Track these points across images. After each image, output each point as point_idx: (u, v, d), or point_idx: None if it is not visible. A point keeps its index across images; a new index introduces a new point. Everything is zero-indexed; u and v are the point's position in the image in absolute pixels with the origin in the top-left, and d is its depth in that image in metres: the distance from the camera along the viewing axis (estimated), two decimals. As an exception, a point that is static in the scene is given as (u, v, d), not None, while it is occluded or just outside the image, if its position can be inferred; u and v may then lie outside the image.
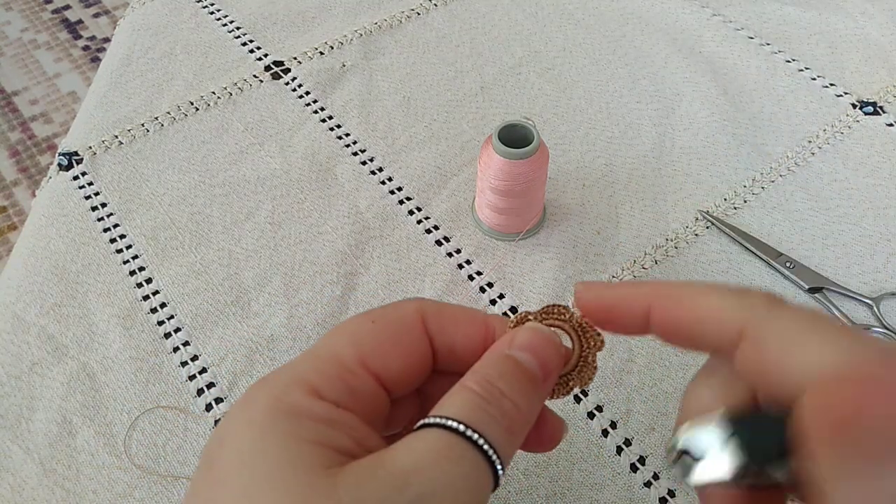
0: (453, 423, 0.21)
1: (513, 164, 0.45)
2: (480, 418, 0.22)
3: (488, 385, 0.23)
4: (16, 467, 0.40)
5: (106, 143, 0.57)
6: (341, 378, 0.23)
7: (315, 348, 0.25)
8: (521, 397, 0.23)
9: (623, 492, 0.39)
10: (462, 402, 0.22)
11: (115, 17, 1.83)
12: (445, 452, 0.21)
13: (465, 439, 0.21)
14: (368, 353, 0.24)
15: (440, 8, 0.69)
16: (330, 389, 0.23)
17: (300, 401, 0.22)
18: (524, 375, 0.24)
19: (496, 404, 0.22)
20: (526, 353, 0.25)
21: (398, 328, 0.25)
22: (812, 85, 0.61)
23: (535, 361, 0.24)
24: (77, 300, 0.47)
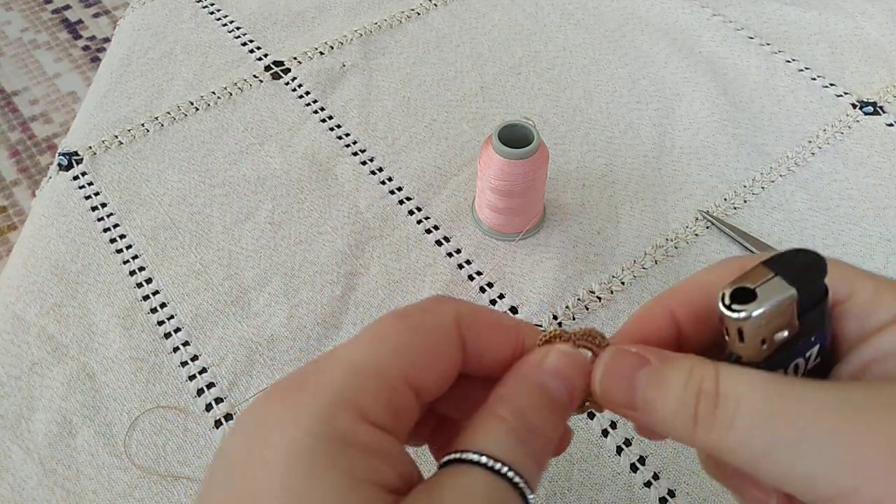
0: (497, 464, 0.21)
1: (513, 164, 0.45)
2: (519, 457, 0.21)
3: (522, 419, 0.22)
4: (16, 467, 0.40)
5: (106, 143, 0.57)
6: (388, 400, 0.21)
7: (355, 357, 0.22)
8: (552, 429, 0.23)
9: (623, 492, 0.39)
10: (498, 437, 0.22)
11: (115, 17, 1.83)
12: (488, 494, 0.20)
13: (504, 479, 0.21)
14: (412, 367, 0.22)
15: (440, 8, 0.69)
16: (378, 413, 0.21)
17: (351, 427, 0.20)
18: (554, 405, 0.23)
19: (531, 440, 0.22)
20: (557, 380, 0.23)
21: (438, 338, 0.23)
22: (812, 85, 0.61)
23: (563, 389, 0.23)
24: (77, 300, 0.47)
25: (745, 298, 0.21)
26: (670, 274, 0.48)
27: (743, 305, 0.21)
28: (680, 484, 0.39)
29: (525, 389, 0.23)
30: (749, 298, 0.21)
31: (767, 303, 0.21)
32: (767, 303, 0.21)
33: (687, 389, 0.21)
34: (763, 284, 0.21)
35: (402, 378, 0.22)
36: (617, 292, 0.48)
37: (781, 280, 0.21)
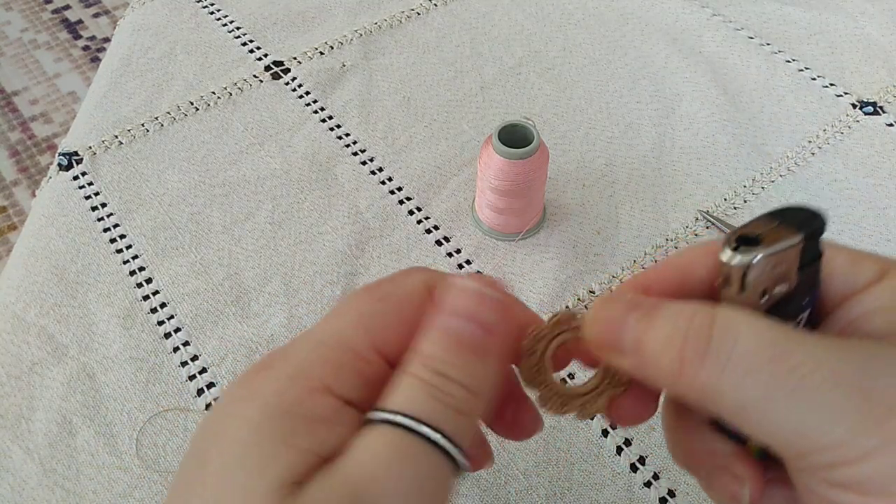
0: (401, 418, 0.20)
1: (513, 164, 0.45)
2: (430, 408, 0.20)
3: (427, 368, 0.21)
4: (16, 467, 0.40)
5: (106, 143, 0.57)
6: (353, 367, 0.21)
7: (320, 333, 0.22)
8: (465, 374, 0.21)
9: (623, 492, 0.39)
10: (405, 392, 0.21)
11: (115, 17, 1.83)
12: (396, 454, 0.20)
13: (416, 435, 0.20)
14: (380, 337, 0.22)
15: (440, 8, 0.69)
16: (343, 384, 0.21)
17: (305, 400, 0.20)
18: (465, 348, 0.22)
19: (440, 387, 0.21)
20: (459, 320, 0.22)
21: (408, 306, 0.23)
22: (812, 85, 0.61)
23: (472, 326, 0.22)
24: (77, 300, 0.47)
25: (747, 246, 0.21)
26: (670, 274, 0.48)
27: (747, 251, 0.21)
28: (680, 484, 0.39)
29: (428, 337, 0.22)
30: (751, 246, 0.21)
31: (773, 247, 0.21)
32: (773, 247, 0.21)
33: (677, 325, 0.20)
34: (766, 232, 0.21)
35: (369, 347, 0.22)
36: (617, 292, 0.48)
37: (785, 228, 0.21)
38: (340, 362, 0.21)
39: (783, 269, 0.21)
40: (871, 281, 0.22)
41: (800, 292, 0.22)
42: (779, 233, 0.21)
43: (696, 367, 0.19)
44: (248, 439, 0.19)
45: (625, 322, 0.21)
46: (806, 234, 0.21)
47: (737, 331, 0.19)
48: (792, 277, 0.21)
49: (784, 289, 0.22)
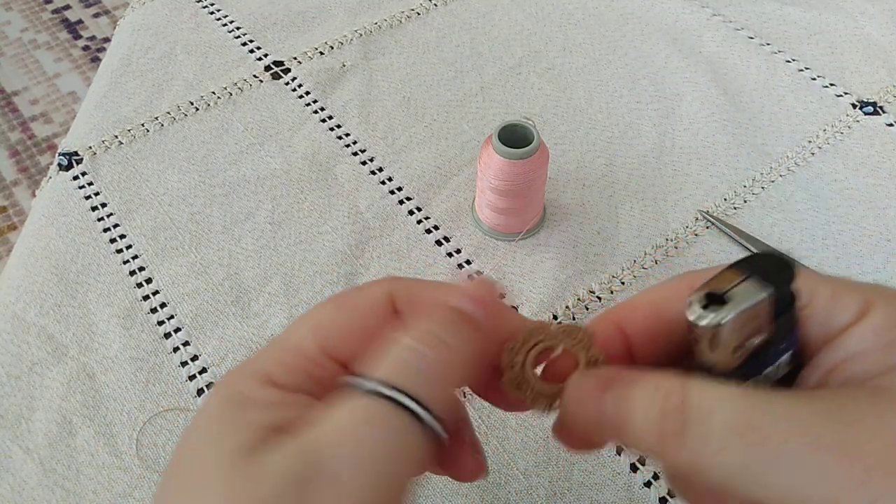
0: (372, 384, 0.21)
1: (513, 164, 0.45)
2: (403, 373, 0.21)
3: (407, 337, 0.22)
4: (16, 467, 0.40)
5: (106, 143, 0.57)
6: (302, 367, 0.23)
7: (280, 338, 0.24)
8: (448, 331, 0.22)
9: (623, 492, 0.39)
10: (386, 359, 0.22)
11: (115, 17, 1.83)
12: (363, 419, 0.20)
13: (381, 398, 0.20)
14: (331, 341, 0.24)
15: (440, 8, 0.69)
16: (288, 378, 0.23)
17: (251, 389, 0.22)
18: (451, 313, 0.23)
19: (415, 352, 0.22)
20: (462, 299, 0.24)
21: (364, 313, 0.24)
22: (812, 85, 0.61)
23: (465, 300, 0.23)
24: (77, 300, 0.47)
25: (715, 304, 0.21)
26: (670, 274, 0.48)
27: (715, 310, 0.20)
28: (680, 484, 0.39)
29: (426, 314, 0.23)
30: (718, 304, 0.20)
31: (741, 305, 0.20)
32: (741, 305, 0.20)
33: (653, 408, 0.20)
34: (733, 288, 0.21)
35: (319, 350, 0.24)
36: (617, 292, 0.48)
37: (754, 282, 0.21)
38: (287, 361, 0.23)
39: (756, 323, 0.21)
40: (852, 321, 0.22)
41: (777, 338, 0.21)
42: (747, 288, 0.21)
43: (677, 447, 0.20)
44: (206, 427, 0.22)
45: (601, 404, 0.22)
46: (776, 286, 0.20)
47: (710, 407, 0.20)
48: (766, 328, 0.21)
49: (759, 340, 0.21)
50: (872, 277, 0.48)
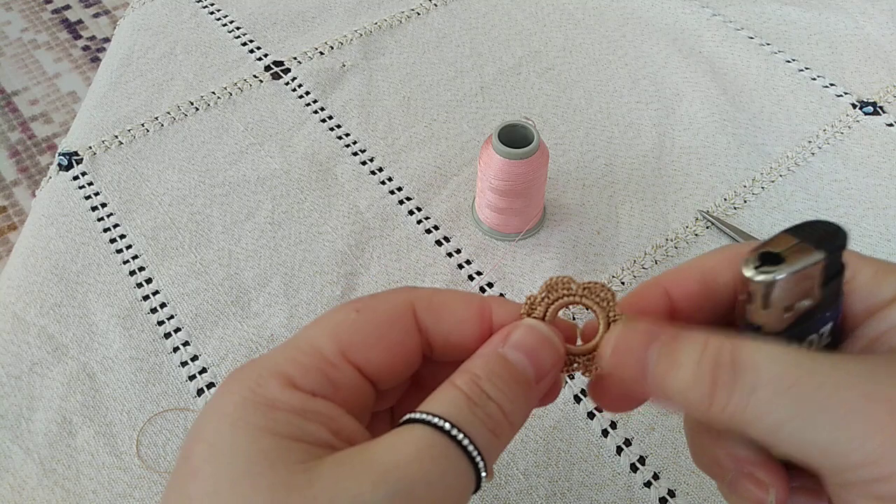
0: (438, 420, 0.21)
1: (513, 164, 0.45)
2: (465, 418, 0.21)
3: (475, 385, 0.22)
4: (16, 467, 0.40)
5: (106, 143, 0.57)
6: (320, 369, 0.23)
7: (295, 338, 0.24)
8: (508, 400, 0.22)
9: (623, 492, 0.39)
10: (448, 400, 0.22)
11: (115, 17, 1.83)
12: (427, 449, 0.20)
13: (448, 437, 0.21)
14: (350, 344, 0.23)
15: (440, 8, 0.69)
16: (306, 380, 0.22)
17: (273, 392, 0.22)
18: (513, 377, 0.23)
19: (482, 405, 0.22)
20: (519, 354, 0.24)
21: (384, 320, 0.24)
22: (812, 85, 0.61)
23: (528, 362, 0.24)
24: (77, 300, 0.47)
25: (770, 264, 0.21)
26: (670, 274, 0.48)
27: (772, 266, 0.21)
28: (680, 484, 0.39)
29: (483, 359, 0.23)
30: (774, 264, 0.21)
31: (796, 265, 0.21)
32: (796, 265, 0.21)
33: (702, 362, 0.21)
34: (789, 249, 0.21)
35: (337, 353, 0.23)
36: (617, 292, 0.47)
37: (807, 245, 0.21)
38: (305, 362, 0.23)
39: (806, 285, 0.21)
40: (892, 297, 0.22)
41: (823, 306, 0.22)
42: (801, 250, 0.21)
43: (724, 400, 0.20)
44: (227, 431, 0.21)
45: (645, 356, 0.22)
46: (828, 251, 0.21)
47: (757, 361, 0.20)
48: (815, 293, 0.22)
49: (807, 304, 0.22)
50: (872, 277, 0.48)
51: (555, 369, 0.24)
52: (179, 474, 0.21)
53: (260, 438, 0.20)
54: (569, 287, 0.25)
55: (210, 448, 0.21)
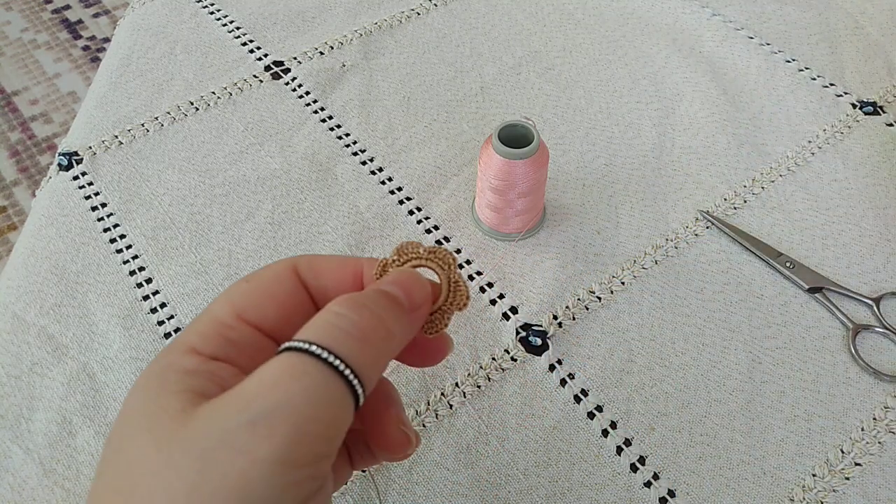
0: (297, 343, 0.23)
1: (513, 164, 0.45)
2: (330, 334, 0.23)
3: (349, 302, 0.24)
4: (16, 467, 0.40)
5: (106, 143, 0.57)
6: (219, 333, 0.25)
7: (199, 314, 0.27)
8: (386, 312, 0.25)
9: (623, 492, 0.39)
10: (312, 325, 0.24)
11: (115, 17, 1.83)
12: (288, 371, 0.22)
13: (310, 356, 0.22)
14: (242, 306, 0.26)
15: (440, 8, 0.69)
16: (207, 345, 0.25)
17: (173, 359, 0.24)
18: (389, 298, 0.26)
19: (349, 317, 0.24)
20: (392, 286, 0.26)
21: (271, 281, 0.27)
22: (812, 85, 0.61)
23: (399, 291, 0.26)
24: (77, 300, 0.47)
25: None
26: (670, 274, 0.48)
27: None
28: (680, 484, 0.39)
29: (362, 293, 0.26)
30: None
31: None
32: None
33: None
34: None
35: (232, 316, 0.26)
36: (617, 292, 0.48)
37: None
38: (206, 330, 0.26)
39: None
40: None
41: None
42: None
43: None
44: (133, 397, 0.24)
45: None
46: None
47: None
48: None
49: None
50: (872, 277, 0.48)
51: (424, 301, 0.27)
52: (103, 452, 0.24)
53: (153, 396, 0.23)
54: (417, 251, 0.29)
55: (120, 415, 0.23)
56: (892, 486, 0.39)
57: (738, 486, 0.39)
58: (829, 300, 0.47)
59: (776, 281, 0.48)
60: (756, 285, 0.48)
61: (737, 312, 0.46)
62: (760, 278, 0.48)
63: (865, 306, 0.46)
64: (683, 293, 0.47)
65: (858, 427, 0.41)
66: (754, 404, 0.42)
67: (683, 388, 0.43)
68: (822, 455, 0.40)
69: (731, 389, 0.43)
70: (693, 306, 0.47)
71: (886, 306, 0.46)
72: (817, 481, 0.39)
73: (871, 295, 0.47)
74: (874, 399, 0.43)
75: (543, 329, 0.45)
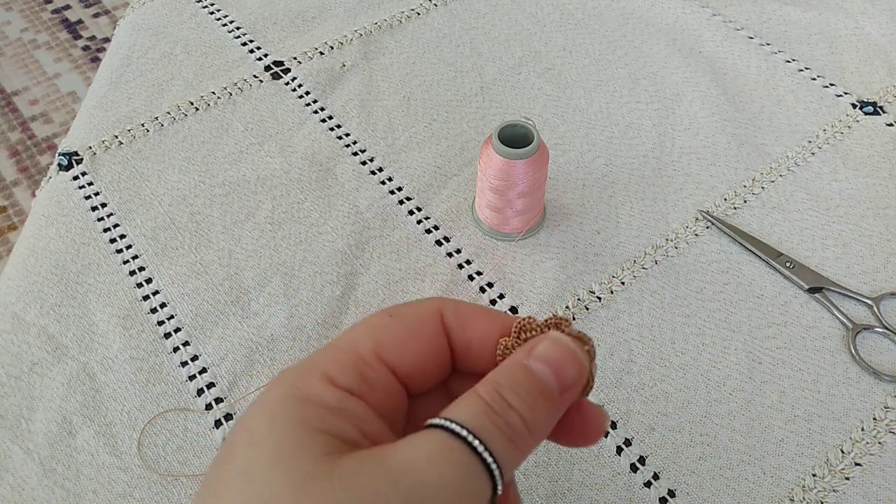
0: (455, 426, 0.22)
1: (513, 164, 0.45)
2: (483, 425, 0.22)
3: (496, 393, 0.23)
4: (16, 467, 0.40)
5: (106, 143, 0.57)
6: (356, 367, 0.24)
7: (336, 340, 0.25)
8: (529, 409, 0.23)
9: (623, 492, 0.39)
10: (467, 407, 0.23)
11: (115, 17, 1.83)
12: (443, 453, 0.21)
13: (465, 444, 0.21)
14: (384, 345, 0.25)
15: (440, 8, 0.69)
16: (343, 377, 0.24)
17: (312, 387, 0.23)
18: (536, 387, 0.24)
19: (502, 413, 0.22)
20: (542, 364, 0.24)
21: (415, 323, 0.26)
22: (812, 85, 0.61)
23: (550, 373, 0.24)
24: (77, 300, 0.47)
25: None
26: (670, 274, 0.48)
27: None
28: (680, 484, 0.39)
29: (507, 369, 0.24)
30: None
31: None
32: None
33: None
34: None
35: (372, 352, 0.25)
36: (617, 292, 0.48)
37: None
38: (343, 360, 0.24)
39: None
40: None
41: None
42: None
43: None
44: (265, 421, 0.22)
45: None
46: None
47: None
48: None
49: None
50: (872, 277, 0.48)
51: (579, 381, 0.25)
52: (220, 458, 0.22)
53: (294, 429, 0.21)
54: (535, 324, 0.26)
55: (249, 435, 0.22)
56: (892, 486, 0.39)
57: (738, 486, 0.39)
58: (829, 300, 0.47)
59: (776, 281, 0.48)
60: (756, 285, 0.48)
61: (737, 312, 0.46)
62: (760, 278, 0.48)
63: (865, 306, 0.46)
64: (683, 293, 0.47)
65: (859, 427, 0.41)
66: (754, 404, 0.42)
67: (683, 388, 0.43)
68: (823, 455, 0.40)
69: (731, 389, 0.43)
70: (693, 306, 0.47)
71: (886, 306, 0.46)
72: (817, 481, 0.39)
73: (871, 295, 0.47)
74: (874, 399, 0.43)
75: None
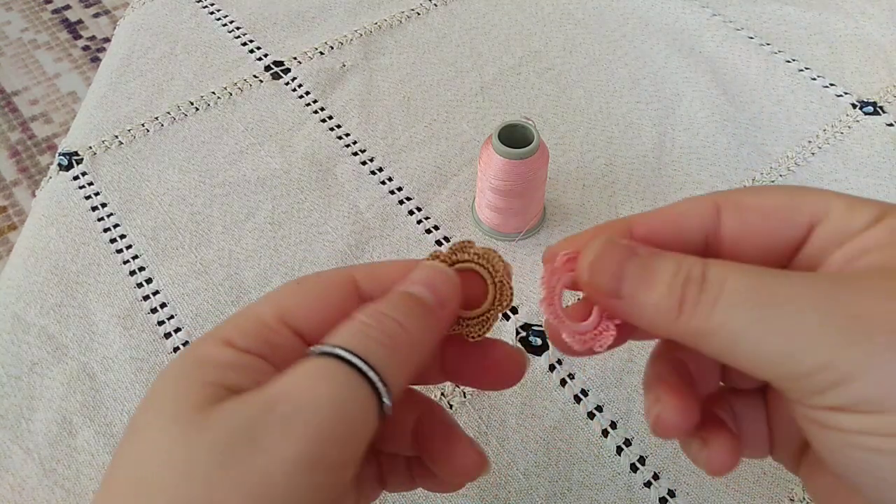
0: (327, 347, 0.22)
1: (513, 164, 0.45)
2: (358, 340, 0.23)
3: (371, 311, 0.24)
4: (16, 467, 0.40)
5: (106, 143, 0.57)
6: (257, 331, 0.24)
7: (240, 310, 0.26)
8: (405, 316, 0.24)
9: (623, 492, 0.39)
10: (344, 329, 0.23)
11: (115, 17, 1.83)
12: (317, 372, 0.22)
13: (338, 360, 0.22)
14: (288, 310, 0.25)
15: (440, 8, 0.69)
16: (242, 339, 0.24)
17: (209, 350, 0.24)
18: (412, 299, 0.25)
19: (378, 325, 0.23)
20: (417, 286, 0.25)
21: (323, 287, 0.26)
22: (812, 85, 0.61)
23: (426, 291, 0.25)
24: (77, 300, 0.47)
25: None
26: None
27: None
28: (680, 484, 0.39)
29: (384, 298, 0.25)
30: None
31: None
32: None
33: (675, 277, 0.21)
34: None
35: (276, 318, 0.25)
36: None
37: None
38: (244, 326, 0.25)
39: None
40: (867, 224, 0.22)
41: None
42: None
43: (690, 313, 0.21)
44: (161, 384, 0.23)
45: (623, 269, 0.23)
46: None
47: (724, 274, 0.21)
48: None
49: None
50: (872, 277, 0.48)
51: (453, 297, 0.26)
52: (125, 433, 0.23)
53: (182, 386, 0.22)
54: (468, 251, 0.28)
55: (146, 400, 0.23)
56: (892, 486, 0.39)
57: (738, 486, 0.39)
58: (829, 300, 0.46)
59: (776, 281, 0.48)
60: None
61: (737, 312, 0.46)
62: (760, 278, 0.48)
63: (865, 306, 0.46)
64: (683, 293, 0.47)
65: (858, 427, 0.41)
66: (754, 404, 0.42)
67: (683, 388, 0.43)
68: (822, 455, 0.40)
69: (731, 389, 0.43)
70: (693, 306, 0.47)
71: (886, 306, 0.46)
72: (817, 481, 0.39)
73: (871, 295, 0.47)
74: (874, 399, 0.43)
75: (543, 329, 0.45)
